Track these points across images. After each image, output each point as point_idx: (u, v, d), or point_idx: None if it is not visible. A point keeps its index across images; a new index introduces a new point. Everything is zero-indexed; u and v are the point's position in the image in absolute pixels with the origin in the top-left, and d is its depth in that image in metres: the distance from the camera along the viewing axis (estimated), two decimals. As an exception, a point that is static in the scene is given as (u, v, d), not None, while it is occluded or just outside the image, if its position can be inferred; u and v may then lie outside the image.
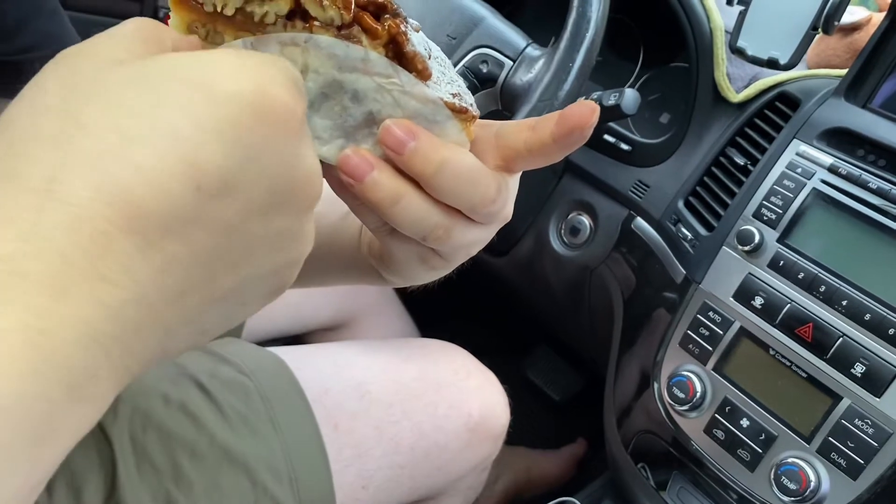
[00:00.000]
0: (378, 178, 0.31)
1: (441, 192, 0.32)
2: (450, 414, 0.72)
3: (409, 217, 0.32)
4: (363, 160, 0.30)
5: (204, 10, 0.28)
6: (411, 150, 0.31)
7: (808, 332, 0.64)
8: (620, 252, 0.84)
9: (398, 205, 0.31)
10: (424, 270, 0.39)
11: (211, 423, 0.61)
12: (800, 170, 0.68)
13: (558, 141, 0.32)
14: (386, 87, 0.30)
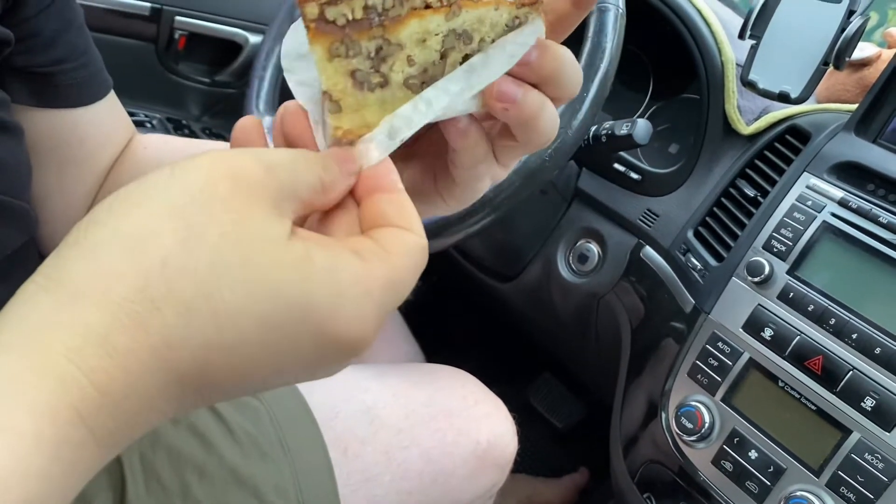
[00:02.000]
0: (529, 93, 0.31)
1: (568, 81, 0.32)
2: (458, 441, 0.72)
3: (550, 120, 0.32)
4: (511, 83, 0.31)
5: (337, 26, 0.29)
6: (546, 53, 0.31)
7: (817, 365, 0.64)
8: (629, 280, 0.85)
9: (545, 110, 0.32)
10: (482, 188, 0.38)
11: (220, 444, 0.61)
12: (810, 202, 0.68)
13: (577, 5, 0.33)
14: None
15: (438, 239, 0.68)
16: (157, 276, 0.23)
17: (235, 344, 0.23)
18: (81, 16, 0.52)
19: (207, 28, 1.14)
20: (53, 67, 0.49)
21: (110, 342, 0.22)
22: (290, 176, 0.26)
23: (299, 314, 0.24)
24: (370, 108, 0.30)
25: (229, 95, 1.22)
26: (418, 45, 0.30)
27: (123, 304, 0.23)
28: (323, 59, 0.29)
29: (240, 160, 0.25)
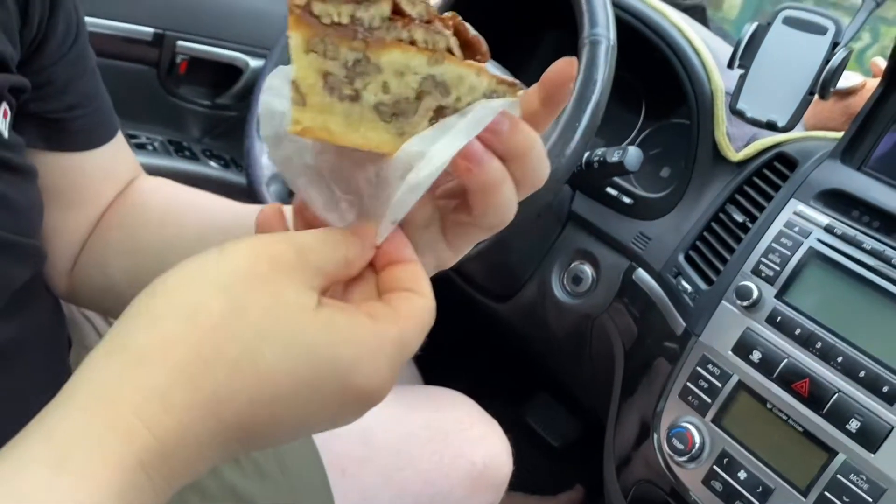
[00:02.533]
0: (493, 161, 0.32)
1: (531, 166, 0.33)
2: (455, 462, 0.73)
3: (508, 198, 0.33)
4: (481, 147, 0.32)
5: (321, 24, 0.29)
6: (517, 127, 0.32)
7: (804, 388, 0.65)
8: (622, 302, 0.86)
9: (504, 184, 0.32)
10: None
11: (221, 466, 0.62)
12: (797, 228, 0.70)
13: (545, 105, 0.33)
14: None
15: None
16: (208, 342, 0.27)
17: (273, 398, 0.27)
18: (94, 61, 0.54)
19: (208, 52, 1.16)
20: (65, 114, 0.51)
21: (168, 399, 0.26)
22: (319, 256, 0.30)
23: (326, 370, 0.28)
24: (335, 117, 0.31)
25: (230, 118, 1.24)
26: (396, 76, 0.31)
27: (179, 365, 0.26)
28: (299, 49, 0.30)
29: (277, 246, 0.30)
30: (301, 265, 0.29)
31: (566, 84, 0.33)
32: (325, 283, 0.30)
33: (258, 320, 0.27)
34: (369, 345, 0.29)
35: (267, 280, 0.28)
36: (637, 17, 0.85)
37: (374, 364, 0.29)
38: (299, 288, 0.29)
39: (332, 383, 0.28)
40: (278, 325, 0.28)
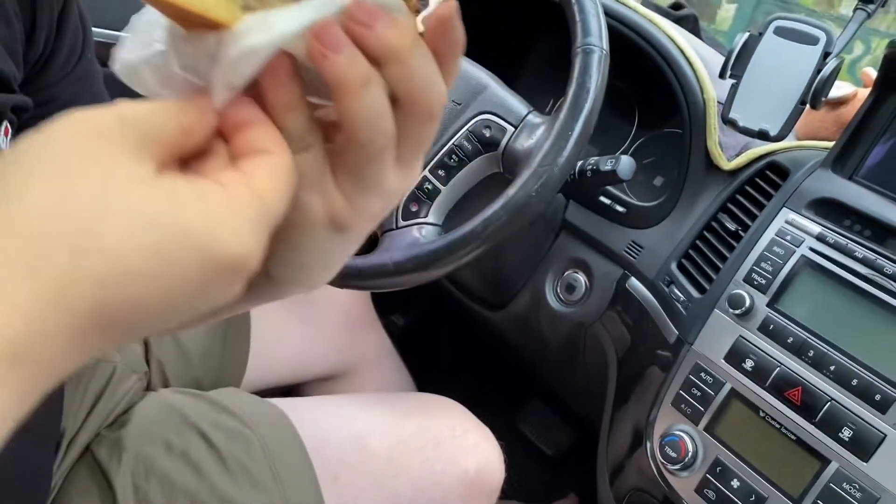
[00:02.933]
0: (355, 52, 0.29)
1: (410, 72, 0.30)
2: (447, 469, 0.73)
3: (370, 109, 0.29)
4: (339, 32, 0.29)
5: None
6: (389, 22, 0.29)
7: (797, 396, 0.66)
8: (615, 310, 0.86)
9: (366, 88, 0.29)
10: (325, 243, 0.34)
11: (212, 473, 0.62)
12: (789, 237, 0.70)
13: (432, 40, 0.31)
14: None
15: (429, 270, 0.69)
16: (40, 227, 0.24)
17: (125, 277, 0.25)
18: (100, 74, 0.53)
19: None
20: None
21: (7, 295, 0.24)
22: (150, 124, 0.28)
23: (178, 241, 0.26)
24: None
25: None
26: None
27: (13, 256, 0.24)
28: None
29: (101, 117, 0.27)
30: (130, 134, 0.27)
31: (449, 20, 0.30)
32: (162, 153, 0.28)
33: (91, 197, 0.25)
34: (222, 210, 0.27)
35: (94, 153, 0.26)
36: (629, 27, 0.85)
37: (232, 228, 0.27)
38: (131, 158, 0.26)
39: (187, 254, 0.26)
40: (114, 200, 0.25)
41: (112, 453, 0.62)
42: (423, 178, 0.73)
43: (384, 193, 0.33)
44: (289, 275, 0.36)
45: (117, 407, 0.69)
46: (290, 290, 0.40)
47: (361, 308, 1.01)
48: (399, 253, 0.70)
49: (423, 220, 0.73)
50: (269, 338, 0.87)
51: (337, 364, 0.98)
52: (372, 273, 0.71)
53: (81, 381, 0.65)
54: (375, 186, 0.32)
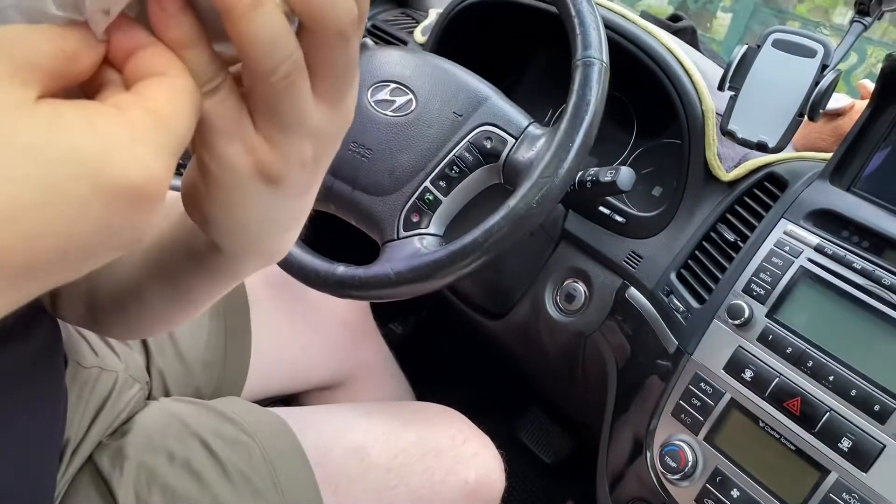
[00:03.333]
0: None
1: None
2: (447, 480, 0.73)
3: (265, 31, 0.27)
4: None
5: None
6: None
7: (796, 406, 0.66)
8: (615, 320, 0.87)
9: (257, 8, 0.26)
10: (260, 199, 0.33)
11: (214, 482, 0.62)
12: (787, 248, 0.71)
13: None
14: None
15: (430, 281, 0.70)
16: None
17: (14, 213, 0.23)
18: None
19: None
20: None
21: None
22: (27, 48, 0.25)
23: (69, 169, 0.23)
24: None
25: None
26: None
27: None
28: None
29: None
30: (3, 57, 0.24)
31: None
32: (43, 79, 0.25)
33: None
34: (116, 134, 0.24)
35: None
36: (629, 39, 0.86)
37: (129, 154, 0.24)
38: (6, 84, 0.24)
39: (82, 184, 0.23)
40: None
41: (114, 462, 0.62)
42: (424, 188, 0.73)
43: (310, 133, 0.31)
44: (235, 243, 0.35)
45: (120, 416, 0.69)
46: (245, 262, 0.39)
47: (360, 317, 1.02)
48: (400, 263, 0.71)
49: (425, 231, 0.73)
50: (268, 347, 0.87)
51: (336, 373, 0.98)
52: (373, 283, 0.71)
53: (84, 391, 0.65)
54: (297, 125, 0.30)
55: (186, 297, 0.45)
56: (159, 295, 0.46)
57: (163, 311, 0.48)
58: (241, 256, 0.38)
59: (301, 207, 0.36)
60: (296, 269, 0.75)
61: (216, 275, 0.41)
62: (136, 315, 0.49)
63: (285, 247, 0.38)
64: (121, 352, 0.72)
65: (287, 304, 0.90)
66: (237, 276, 0.42)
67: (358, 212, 0.77)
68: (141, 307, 0.48)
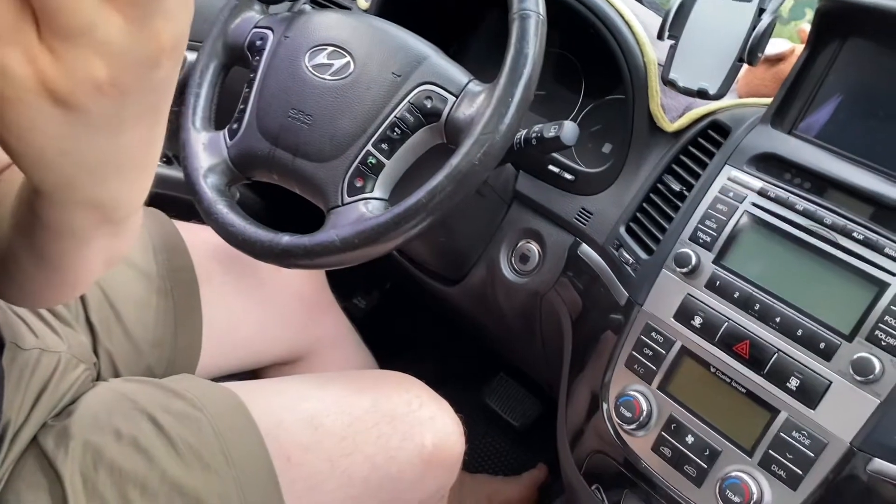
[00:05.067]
0: None
1: None
2: (403, 445, 0.73)
3: None
4: None
5: None
6: None
7: (745, 349, 0.66)
8: (568, 277, 0.87)
9: None
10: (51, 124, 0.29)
11: (163, 458, 0.61)
12: (732, 194, 0.71)
13: None
14: None
15: (376, 245, 0.69)
16: None
17: None
18: None
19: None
20: None
21: None
22: None
23: None
24: None
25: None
26: None
27: None
28: None
29: None
30: None
31: None
32: None
33: None
34: None
35: None
36: (569, -7, 0.85)
37: None
38: None
39: None
40: None
41: (59, 443, 0.61)
42: (366, 152, 0.72)
43: (99, 49, 0.27)
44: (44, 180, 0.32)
45: (64, 397, 0.67)
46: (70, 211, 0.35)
47: (316, 290, 1.01)
48: (345, 229, 0.70)
49: (369, 196, 0.72)
50: (221, 324, 0.86)
51: (294, 347, 0.97)
52: (319, 251, 0.70)
53: (25, 373, 0.64)
54: (79, 35, 0.26)
55: (46, 259, 0.43)
56: (26, 257, 0.44)
57: (39, 278, 0.46)
58: (62, 203, 0.34)
59: (118, 149, 0.32)
60: (240, 241, 0.74)
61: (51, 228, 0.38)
62: (21, 279, 0.47)
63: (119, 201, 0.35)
64: (63, 333, 0.71)
65: (238, 280, 0.89)
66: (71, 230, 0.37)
67: (301, 180, 0.75)
68: (18, 270, 0.46)
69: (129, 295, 0.78)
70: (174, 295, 0.81)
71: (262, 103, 0.78)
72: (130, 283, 0.79)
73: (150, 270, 0.81)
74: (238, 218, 0.75)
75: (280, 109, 0.76)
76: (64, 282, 0.46)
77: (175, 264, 0.83)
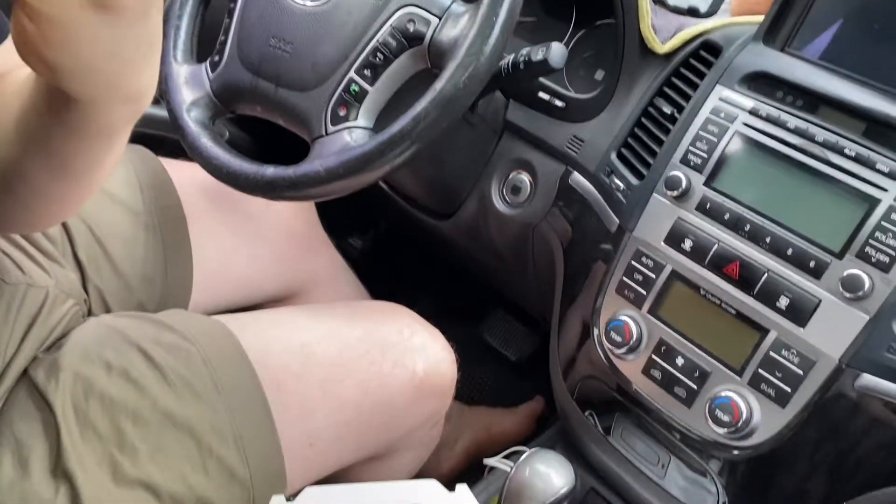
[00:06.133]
0: None
1: None
2: (394, 372, 0.73)
3: None
4: None
5: None
6: None
7: (735, 270, 0.66)
8: (559, 207, 0.86)
9: None
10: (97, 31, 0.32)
11: (153, 389, 0.61)
12: (723, 114, 0.69)
13: None
14: None
15: (361, 174, 0.68)
16: None
17: None
18: None
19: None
20: None
21: None
22: None
23: None
24: None
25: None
26: None
27: None
28: None
29: None
30: None
31: None
32: None
33: None
34: None
35: None
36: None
37: None
38: None
39: None
40: None
41: (50, 375, 0.61)
42: (349, 79, 0.70)
43: None
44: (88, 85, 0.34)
45: (54, 332, 0.67)
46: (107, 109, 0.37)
47: (308, 225, 1.00)
48: (330, 159, 0.69)
49: (353, 124, 0.71)
50: (212, 260, 0.85)
51: (287, 284, 0.97)
52: (304, 182, 0.69)
53: (12, 307, 0.64)
54: None
55: (65, 167, 0.45)
56: (40, 170, 0.45)
57: (51, 190, 0.48)
58: (101, 103, 0.37)
59: (146, 37, 0.35)
60: (224, 174, 0.73)
61: (83, 132, 0.40)
62: (27, 199, 0.49)
63: (146, 88, 0.37)
64: (50, 269, 0.71)
65: (228, 217, 0.88)
66: (105, 130, 0.40)
67: (284, 110, 0.74)
68: (28, 188, 0.47)
69: (117, 231, 0.78)
70: (162, 231, 0.81)
71: (242, 33, 0.76)
72: (117, 220, 0.79)
73: (137, 207, 0.80)
74: (222, 151, 0.74)
75: (261, 38, 0.74)
76: (79, 193, 0.48)
77: (162, 202, 0.83)
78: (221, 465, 0.61)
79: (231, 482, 0.61)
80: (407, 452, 0.84)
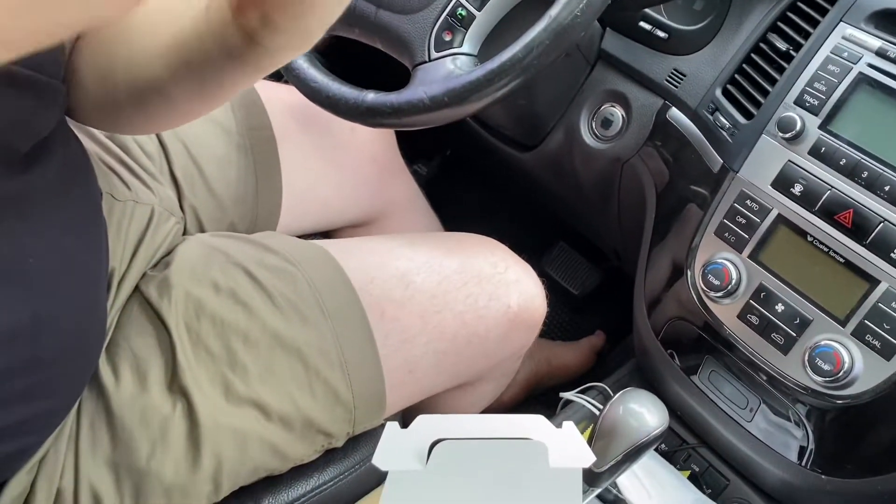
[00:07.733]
0: None
1: None
2: (490, 305, 0.74)
3: None
4: None
5: None
6: None
7: (847, 218, 0.64)
8: (654, 144, 0.84)
9: None
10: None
11: (262, 310, 0.62)
12: (846, 54, 0.66)
13: None
14: None
15: (466, 104, 0.66)
16: None
17: None
18: None
19: None
20: None
21: None
22: None
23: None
24: None
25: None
26: None
27: None
28: None
29: None
30: None
31: None
32: None
33: None
34: None
35: None
36: None
37: None
38: None
39: None
40: None
41: (162, 292, 0.62)
42: (455, 3, 0.68)
43: None
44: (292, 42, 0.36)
45: (160, 248, 0.68)
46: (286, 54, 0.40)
47: (389, 153, 0.99)
48: (434, 87, 0.67)
49: (458, 51, 0.69)
50: (299, 183, 0.85)
51: (367, 210, 0.97)
52: (407, 109, 0.68)
53: (123, 223, 0.64)
54: None
55: (213, 91, 0.47)
56: (184, 90, 0.47)
57: (184, 106, 0.50)
58: (286, 50, 0.37)
59: None
60: (323, 98, 0.72)
61: (249, 68, 0.42)
62: (157, 110, 0.50)
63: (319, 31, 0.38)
64: (153, 185, 0.71)
65: (316, 140, 0.88)
66: (271, 67, 0.42)
67: (385, 34, 0.72)
68: (163, 102, 0.49)
69: (211, 150, 0.78)
70: (254, 152, 0.81)
71: (342, -50, 0.74)
72: (211, 138, 0.78)
73: (229, 126, 0.80)
74: (320, 74, 0.73)
75: (363, -45, 0.72)
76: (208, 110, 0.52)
77: (253, 122, 0.82)
78: (327, 388, 0.62)
79: (336, 404, 0.63)
80: (490, 382, 0.86)
